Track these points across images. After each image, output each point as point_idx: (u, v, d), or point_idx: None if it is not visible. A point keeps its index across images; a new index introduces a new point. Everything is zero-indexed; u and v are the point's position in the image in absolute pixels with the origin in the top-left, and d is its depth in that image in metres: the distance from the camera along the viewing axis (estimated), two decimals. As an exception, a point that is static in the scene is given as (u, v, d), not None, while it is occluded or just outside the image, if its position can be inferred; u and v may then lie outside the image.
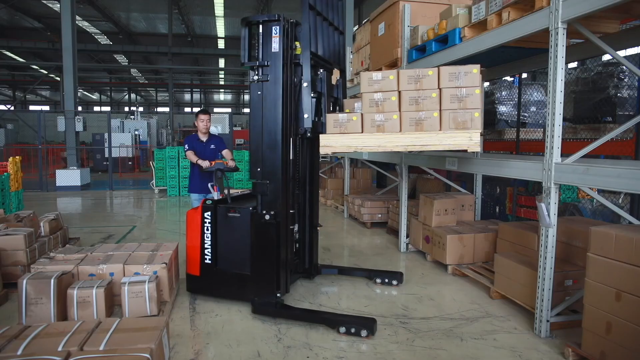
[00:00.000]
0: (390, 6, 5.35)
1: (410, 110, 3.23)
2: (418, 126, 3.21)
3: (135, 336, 2.27)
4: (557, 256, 3.22)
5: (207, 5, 19.47)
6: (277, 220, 3.49)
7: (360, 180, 9.15)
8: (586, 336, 2.71)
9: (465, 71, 3.10)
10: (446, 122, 3.15)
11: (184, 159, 10.98)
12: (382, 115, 3.30)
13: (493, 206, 6.56)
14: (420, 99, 3.21)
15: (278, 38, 3.44)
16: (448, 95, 3.15)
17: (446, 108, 3.15)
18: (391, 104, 3.28)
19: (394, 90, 3.29)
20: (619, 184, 2.61)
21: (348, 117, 3.41)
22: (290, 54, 3.53)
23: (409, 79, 3.27)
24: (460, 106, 3.11)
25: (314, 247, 4.34)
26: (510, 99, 7.23)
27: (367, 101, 3.37)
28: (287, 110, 3.53)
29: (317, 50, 3.75)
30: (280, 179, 3.51)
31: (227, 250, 3.75)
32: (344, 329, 3.13)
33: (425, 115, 3.19)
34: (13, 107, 30.45)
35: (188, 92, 40.92)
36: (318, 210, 4.42)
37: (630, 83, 5.16)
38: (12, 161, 7.00)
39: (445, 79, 3.16)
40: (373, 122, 3.33)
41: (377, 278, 4.31)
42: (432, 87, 3.19)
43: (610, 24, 3.58)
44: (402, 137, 3.25)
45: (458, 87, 3.11)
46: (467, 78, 3.10)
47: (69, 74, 12.07)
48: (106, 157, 14.48)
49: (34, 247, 4.26)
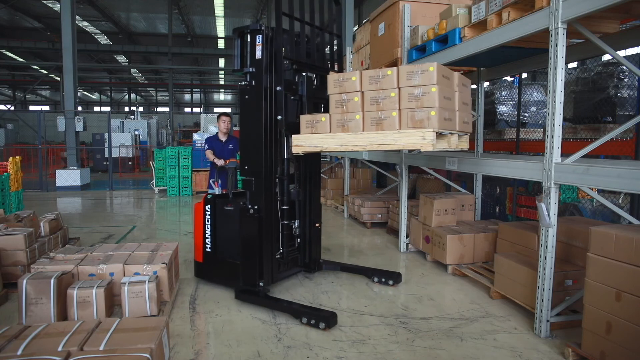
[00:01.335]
0: (390, 6, 5.35)
1: (372, 110, 3.27)
2: (379, 126, 3.24)
3: (135, 336, 2.27)
4: (557, 256, 3.22)
5: (207, 5, 19.48)
6: (260, 214, 3.81)
7: (360, 180, 9.15)
8: (586, 336, 2.71)
9: (422, 69, 3.05)
10: (405, 121, 3.14)
11: (184, 158, 11.04)
12: (347, 115, 3.38)
13: (493, 206, 6.56)
14: (380, 99, 3.23)
15: (261, 46, 3.75)
16: (406, 95, 3.12)
17: (405, 107, 3.13)
18: (354, 104, 3.34)
19: (357, 91, 3.33)
20: (619, 184, 2.61)
21: (318, 118, 3.54)
22: (272, 61, 3.80)
23: (370, 80, 3.29)
24: (418, 105, 3.07)
25: (314, 243, 4.47)
26: (510, 99, 7.24)
27: (333, 102, 3.46)
28: (268, 112, 3.81)
29: (299, 56, 3.96)
30: (264, 176, 3.81)
31: (223, 240, 4.12)
32: (306, 320, 3.32)
33: (384, 115, 3.21)
34: (13, 107, 30.47)
35: (188, 92, 40.93)
36: (320, 208, 4.59)
37: (630, 83, 5.16)
38: (12, 161, 7.00)
39: (403, 78, 3.13)
40: (339, 122, 3.42)
41: (375, 277, 4.38)
42: (392, 87, 3.18)
43: (610, 24, 3.58)
44: (360, 136, 3.31)
45: (415, 86, 3.08)
46: (423, 76, 3.05)
47: (69, 74, 12.07)
48: (106, 157, 14.50)
49: (34, 247, 4.26)
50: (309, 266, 4.48)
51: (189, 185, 11.15)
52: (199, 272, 4.34)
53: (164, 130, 24.56)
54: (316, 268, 4.55)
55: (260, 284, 3.81)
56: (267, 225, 3.88)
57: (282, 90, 3.78)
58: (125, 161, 17.81)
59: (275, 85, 3.81)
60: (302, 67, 4.01)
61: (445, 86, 3.14)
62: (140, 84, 36.32)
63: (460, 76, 3.43)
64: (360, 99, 3.32)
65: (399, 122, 3.15)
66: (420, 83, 3.06)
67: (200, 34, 25.06)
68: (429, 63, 3.05)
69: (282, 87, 3.77)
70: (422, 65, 3.05)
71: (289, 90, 3.89)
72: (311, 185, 4.40)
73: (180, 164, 11.11)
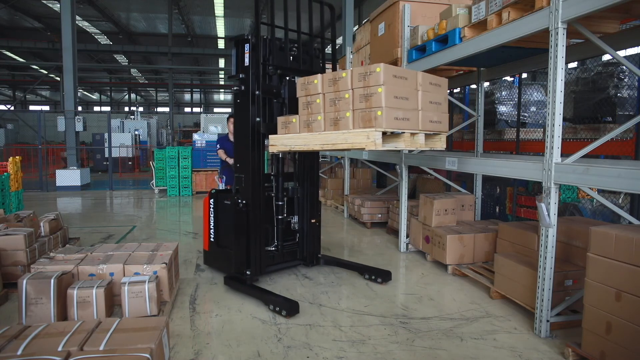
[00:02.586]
0: (390, 6, 5.35)
1: (331, 111, 3.43)
2: (336, 126, 3.40)
3: (135, 336, 2.26)
4: (557, 256, 3.22)
5: (207, 5, 19.47)
6: (247, 208, 4.12)
7: (360, 180, 9.15)
8: (586, 336, 2.71)
9: (370, 71, 3.15)
10: (357, 121, 3.26)
11: (184, 159, 11.05)
12: (311, 116, 3.57)
13: (493, 206, 6.56)
14: (337, 100, 3.38)
15: (248, 54, 4.04)
16: (358, 96, 3.25)
17: (357, 108, 3.26)
18: (317, 105, 3.53)
19: (319, 93, 3.51)
20: (618, 184, 2.61)
21: (290, 119, 3.76)
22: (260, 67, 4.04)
23: (328, 82, 3.45)
24: (367, 105, 3.19)
25: (311, 239, 4.70)
26: (510, 99, 7.24)
27: (301, 104, 3.66)
28: (254, 115, 4.10)
29: (282, 62, 4.19)
30: (251, 173, 4.13)
31: (222, 231, 4.49)
32: (272, 307, 3.60)
33: (340, 116, 3.36)
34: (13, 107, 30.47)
35: (188, 92, 40.93)
36: (319, 205, 4.78)
37: (630, 83, 5.16)
38: (12, 161, 7.00)
39: (355, 80, 3.26)
40: (305, 123, 3.63)
41: (366, 274, 4.50)
42: (346, 89, 3.32)
43: (610, 24, 3.58)
44: (319, 136, 3.49)
45: (364, 87, 3.19)
46: (371, 77, 3.14)
47: (69, 74, 12.07)
48: (106, 157, 14.50)
49: (34, 247, 4.26)
50: (307, 260, 4.73)
51: (189, 185, 11.15)
52: (206, 259, 4.76)
53: (164, 130, 24.57)
54: (314, 262, 4.78)
55: (247, 272, 4.10)
56: (254, 218, 4.15)
57: (259, 94, 4.05)
58: (125, 161, 17.81)
59: (255, 89, 4.06)
60: (287, 72, 4.23)
61: (399, 86, 3.23)
62: (140, 84, 36.31)
63: (429, 76, 3.53)
64: (321, 101, 3.49)
65: (352, 122, 3.29)
66: (368, 84, 3.17)
67: (200, 34, 25.04)
68: (376, 64, 3.16)
69: (259, 92, 4.05)
70: (371, 67, 3.16)
71: (269, 94, 4.16)
72: (309, 183, 4.63)
73: (180, 164, 11.11)
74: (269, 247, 4.46)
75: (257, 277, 4.22)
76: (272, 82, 4.23)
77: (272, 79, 4.22)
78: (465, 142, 7.24)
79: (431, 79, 3.54)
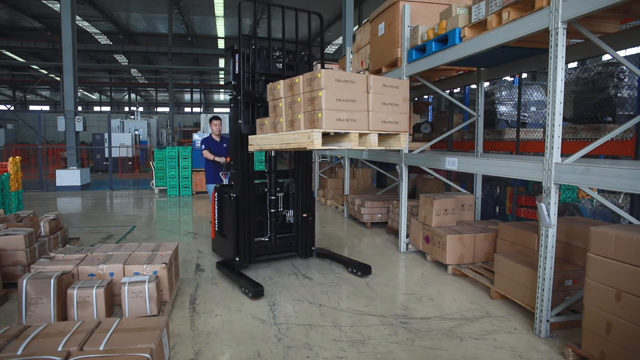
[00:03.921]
0: (390, 6, 5.35)
1: (289, 114, 3.77)
2: (292, 127, 3.73)
3: (135, 336, 2.26)
4: (557, 256, 3.22)
5: (207, 5, 19.46)
6: (237, 201, 4.59)
7: (360, 180, 9.15)
8: (586, 336, 2.71)
9: (314, 76, 3.43)
10: (306, 122, 3.55)
11: (184, 158, 11.05)
12: (276, 118, 3.95)
13: (493, 206, 6.56)
14: (293, 104, 3.71)
15: (238, 63, 4.49)
16: (306, 99, 3.54)
17: (306, 110, 3.55)
18: (280, 109, 3.88)
19: (281, 98, 3.86)
20: (618, 184, 2.61)
21: (264, 121, 4.18)
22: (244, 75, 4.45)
23: (287, 87, 3.79)
24: (312, 108, 3.45)
25: (304, 232, 5.03)
26: (510, 99, 7.24)
27: (270, 107, 4.07)
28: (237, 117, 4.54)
29: (265, 69, 4.59)
30: (240, 170, 4.61)
31: (222, 222, 4.97)
32: (244, 290, 4.03)
33: (295, 117, 3.68)
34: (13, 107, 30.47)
35: (188, 92, 40.93)
36: (313, 201, 5.09)
37: (630, 83, 5.16)
38: (12, 161, 6.99)
39: (305, 85, 3.55)
40: (272, 125, 4.01)
41: (350, 267, 4.75)
42: (299, 93, 3.62)
43: (610, 24, 3.58)
44: (278, 136, 3.85)
45: (310, 91, 3.47)
46: (315, 82, 3.42)
47: (69, 74, 12.07)
48: (106, 157, 14.50)
49: (34, 247, 4.26)
50: (300, 252, 5.08)
51: (189, 185, 11.15)
52: (213, 247, 5.32)
53: (164, 130, 24.56)
54: (307, 254, 5.10)
55: (237, 259, 4.60)
56: (243, 210, 4.61)
57: (241, 99, 4.46)
58: (125, 161, 17.80)
59: (238, 95, 4.51)
60: (272, 78, 4.50)
61: (344, 90, 3.47)
62: (140, 84, 36.30)
63: (382, 79, 3.71)
64: (283, 104, 3.84)
65: (303, 123, 3.59)
66: (313, 89, 3.45)
67: (200, 34, 25.03)
68: (318, 70, 3.43)
69: (241, 96, 4.45)
70: (315, 73, 3.45)
71: (253, 98, 4.52)
72: (303, 180, 4.98)
73: (180, 164, 11.11)
74: (263, 238, 4.87)
75: (246, 264, 4.67)
76: (258, 88, 4.54)
77: (259, 84, 4.56)
78: (465, 142, 7.24)
79: (385, 82, 3.70)
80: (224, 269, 4.51)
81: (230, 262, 4.62)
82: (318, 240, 6.10)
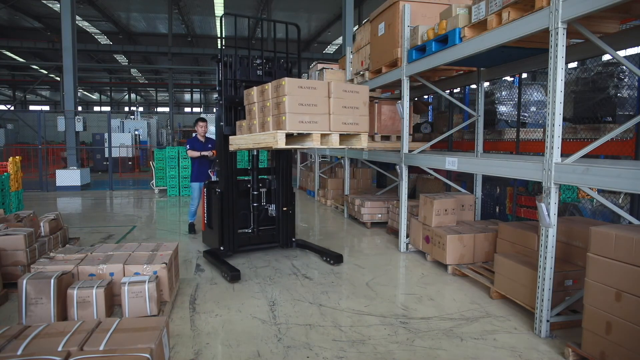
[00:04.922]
0: (390, 6, 5.35)
1: (261, 117, 4.20)
2: (263, 128, 4.16)
3: (135, 336, 2.26)
4: (557, 256, 3.22)
5: (207, 5, 19.48)
6: (222, 195, 5.04)
7: (360, 180, 9.14)
8: (586, 336, 2.71)
9: (279, 84, 3.84)
10: (273, 124, 3.95)
11: (184, 158, 11.03)
12: (251, 121, 4.37)
13: (493, 206, 6.56)
14: (264, 108, 4.13)
15: (221, 71, 4.97)
16: (273, 104, 3.95)
17: (273, 114, 3.97)
18: (254, 112, 4.32)
19: (254, 102, 4.30)
20: (619, 184, 2.61)
21: (241, 123, 4.64)
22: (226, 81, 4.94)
23: (258, 93, 4.24)
24: (278, 112, 3.87)
25: (284, 224, 5.41)
26: (510, 99, 7.23)
27: (246, 111, 4.53)
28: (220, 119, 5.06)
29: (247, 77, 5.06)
30: (225, 168, 5.06)
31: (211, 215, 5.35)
32: (225, 275, 4.38)
33: (265, 120, 4.08)
34: (13, 107, 30.48)
35: (188, 92, 40.94)
36: (293, 196, 5.52)
37: (630, 83, 5.16)
38: (12, 161, 6.99)
39: (272, 91, 3.97)
40: (247, 127, 4.47)
41: (324, 256, 5.13)
42: (268, 98, 4.04)
43: (610, 24, 3.58)
44: (252, 136, 4.28)
45: (277, 97, 3.89)
46: (280, 89, 3.83)
47: (69, 74, 12.07)
48: (106, 157, 14.50)
49: (34, 247, 4.26)
50: (281, 243, 5.47)
51: (189, 185, 11.14)
52: (204, 238, 5.74)
53: (164, 130, 24.55)
54: (288, 245, 5.49)
55: (221, 248, 5.03)
56: (227, 204, 5.04)
57: (223, 103, 4.96)
58: (125, 161, 17.80)
59: (220, 99, 5.01)
60: (252, 84, 4.75)
61: (306, 95, 3.84)
62: (140, 84, 36.32)
63: (343, 85, 4.13)
64: (256, 108, 4.26)
65: (271, 125, 3.98)
66: (278, 94, 3.85)
67: (200, 34, 25.05)
68: (282, 79, 3.82)
69: (223, 101, 4.95)
70: (280, 80, 3.86)
71: (232, 102, 4.97)
72: (284, 176, 5.37)
73: (180, 164, 11.11)
74: (247, 229, 5.30)
75: (231, 253, 5.09)
76: (239, 93, 4.96)
77: (240, 90, 4.97)
78: (465, 142, 7.24)
79: (346, 87, 4.09)
80: (209, 257, 4.94)
81: (215, 251, 5.04)
82: (318, 240, 6.14)
